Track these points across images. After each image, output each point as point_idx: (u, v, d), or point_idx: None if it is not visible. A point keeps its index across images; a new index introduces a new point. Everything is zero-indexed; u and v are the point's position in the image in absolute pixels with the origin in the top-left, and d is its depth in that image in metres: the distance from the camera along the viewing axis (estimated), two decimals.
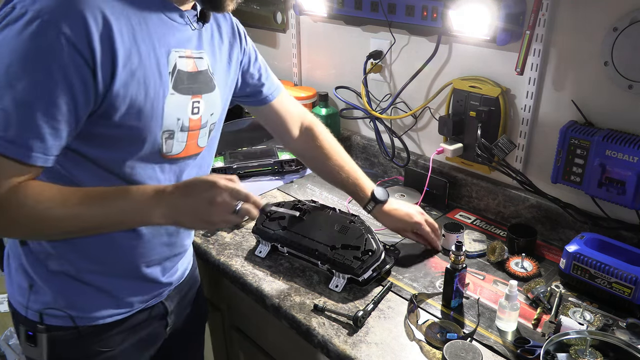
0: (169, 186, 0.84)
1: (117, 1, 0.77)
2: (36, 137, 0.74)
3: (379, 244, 1.15)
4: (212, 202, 0.82)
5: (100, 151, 0.83)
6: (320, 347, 1.01)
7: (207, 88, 0.93)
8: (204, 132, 0.95)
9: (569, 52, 1.19)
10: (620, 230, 1.18)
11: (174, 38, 0.86)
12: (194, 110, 0.91)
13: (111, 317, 0.97)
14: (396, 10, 1.41)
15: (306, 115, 1.26)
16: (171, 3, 0.85)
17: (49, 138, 0.75)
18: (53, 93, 0.73)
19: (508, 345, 0.97)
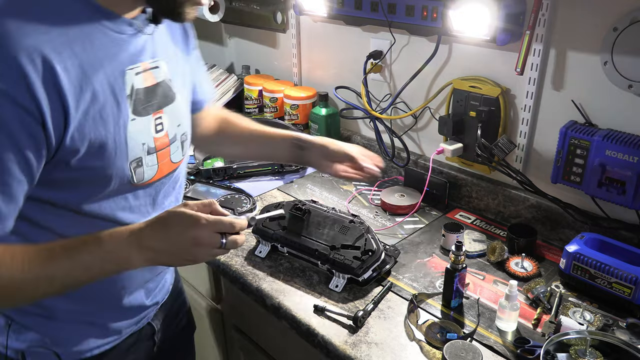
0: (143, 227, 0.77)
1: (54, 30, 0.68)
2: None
3: (379, 244, 1.15)
4: (196, 242, 0.76)
5: (64, 194, 0.77)
6: (320, 347, 1.01)
7: (167, 100, 0.86)
8: (175, 146, 0.90)
9: (569, 52, 1.19)
10: (620, 230, 1.18)
11: (127, 54, 0.77)
12: (157, 128, 0.84)
13: (99, 347, 0.93)
14: (396, 10, 1.41)
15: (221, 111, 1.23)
16: (116, 15, 0.76)
17: (2, 205, 0.68)
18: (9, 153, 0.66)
19: (508, 345, 0.97)
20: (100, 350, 0.93)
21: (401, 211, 1.43)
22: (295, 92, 1.75)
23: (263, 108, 1.88)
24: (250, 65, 2.08)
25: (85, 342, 0.91)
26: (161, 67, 0.85)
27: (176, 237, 0.76)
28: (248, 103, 1.92)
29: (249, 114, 1.92)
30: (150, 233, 0.76)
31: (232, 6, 1.99)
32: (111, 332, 0.94)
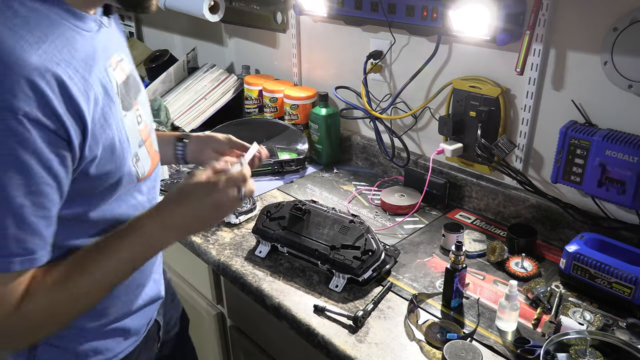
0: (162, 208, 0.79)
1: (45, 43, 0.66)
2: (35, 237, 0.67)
3: (379, 244, 1.15)
4: (217, 205, 0.80)
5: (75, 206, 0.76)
6: (320, 347, 1.01)
7: (137, 90, 0.87)
8: (153, 135, 0.91)
9: (569, 52, 1.19)
10: (620, 230, 1.18)
11: (100, 51, 0.76)
12: (138, 119, 0.84)
13: (123, 352, 0.94)
14: (396, 10, 1.41)
15: None
16: (83, 14, 0.73)
17: (44, 230, 0.68)
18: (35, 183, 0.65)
19: (508, 345, 0.97)
20: (124, 354, 0.94)
21: (401, 211, 1.44)
22: (295, 92, 1.75)
23: (263, 108, 1.88)
24: (250, 65, 2.08)
25: (109, 350, 0.92)
26: (124, 59, 0.85)
27: (198, 207, 0.79)
28: (248, 103, 1.92)
29: (249, 113, 1.93)
30: (171, 212, 0.79)
31: (232, 6, 1.99)
32: (132, 334, 0.96)
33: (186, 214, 0.79)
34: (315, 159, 1.75)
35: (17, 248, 0.65)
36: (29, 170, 0.64)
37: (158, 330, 1.07)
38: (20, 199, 0.64)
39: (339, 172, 1.70)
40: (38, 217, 0.67)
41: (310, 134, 1.74)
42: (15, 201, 0.63)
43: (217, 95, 1.96)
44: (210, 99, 1.96)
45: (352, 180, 1.64)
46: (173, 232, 0.80)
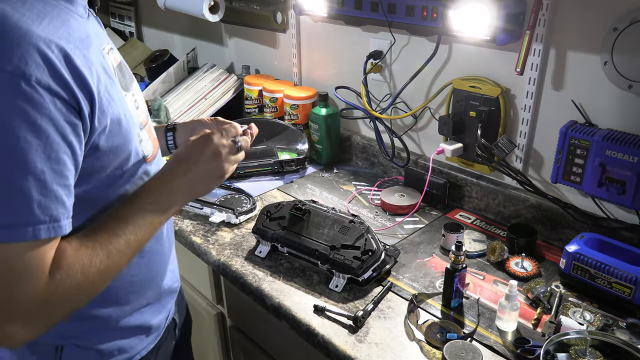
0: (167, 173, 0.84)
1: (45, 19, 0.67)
2: (59, 204, 0.67)
3: (379, 244, 1.15)
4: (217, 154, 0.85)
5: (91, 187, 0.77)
6: (320, 347, 1.01)
7: (131, 78, 0.88)
8: (151, 123, 0.93)
9: (569, 52, 1.19)
10: (620, 230, 1.18)
11: (94, 36, 0.76)
12: (136, 104, 0.85)
13: (145, 349, 0.96)
14: (396, 10, 1.41)
15: None
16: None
17: (66, 199, 0.68)
18: (53, 150, 0.65)
19: (508, 345, 0.97)
20: (146, 351, 0.96)
21: (401, 211, 1.44)
22: (295, 92, 1.75)
23: (263, 108, 1.88)
24: (250, 65, 2.08)
25: (132, 348, 0.93)
26: (114, 49, 0.85)
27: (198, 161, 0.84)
28: (248, 103, 1.92)
29: (249, 113, 1.93)
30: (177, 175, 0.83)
31: (232, 6, 1.99)
32: (153, 331, 0.97)
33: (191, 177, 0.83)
34: (315, 159, 1.75)
35: (42, 215, 0.65)
36: (47, 136, 0.64)
37: (175, 328, 1.09)
38: (41, 165, 0.64)
39: (339, 172, 1.70)
40: (59, 184, 0.67)
41: (310, 134, 1.74)
42: (37, 167, 0.64)
43: (217, 95, 1.96)
44: (210, 99, 1.96)
45: (352, 180, 1.64)
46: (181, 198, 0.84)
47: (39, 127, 0.63)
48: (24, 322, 0.67)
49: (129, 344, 0.93)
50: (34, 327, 0.68)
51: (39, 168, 0.64)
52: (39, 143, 0.63)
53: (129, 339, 0.93)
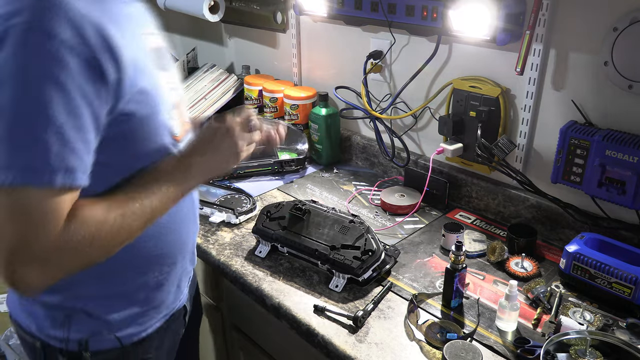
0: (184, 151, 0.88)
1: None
2: (76, 157, 0.70)
3: (379, 244, 1.15)
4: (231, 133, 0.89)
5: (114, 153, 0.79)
6: (320, 347, 1.01)
7: (169, 63, 0.93)
8: (183, 108, 0.96)
9: (569, 52, 1.19)
10: (620, 230, 1.18)
11: (137, 19, 0.83)
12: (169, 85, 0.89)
13: (152, 326, 0.98)
14: (396, 10, 1.41)
15: None
16: None
17: (83, 154, 0.71)
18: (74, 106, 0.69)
19: (508, 345, 0.97)
20: (153, 328, 0.98)
21: (401, 211, 1.44)
22: (295, 92, 1.75)
23: (263, 108, 1.88)
24: (250, 65, 2.08)
25: (142, 323, 0.95)
26: (157, 35, 0.90)
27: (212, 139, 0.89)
28: (248, 103, 1.92)
29: None
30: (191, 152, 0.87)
31: (232, 6, 1.99)
32: (162, 309, 0.99)
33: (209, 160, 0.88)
34: (315, 159, 1.75)
35: (59, 164, 0.68)
36: (69, 92, 0.68)
37: (185, 315, 1.10)
38: (61, 117, 0.67)
39: (339, 172, 1.70)
40: (77, 139, 0.70)
41: (310, 134, 1.74)
42: (57, 119, 0.67)
43: (217, 95, 1.96)
44: (210, 99, 1.96)
45: (352, 180, 1.64)
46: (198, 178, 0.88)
47: (62, 83, 0.67)
48: (37, 267, 0.69)
49: (136, 319, 0.94)
50: (46, 273, 0.71)
51: (59, 121, 0.67)
52: (60, 97, 0.67)
53: (136, 312, 0.94)
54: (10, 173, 0.66)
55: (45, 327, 0.90)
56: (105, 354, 0.92)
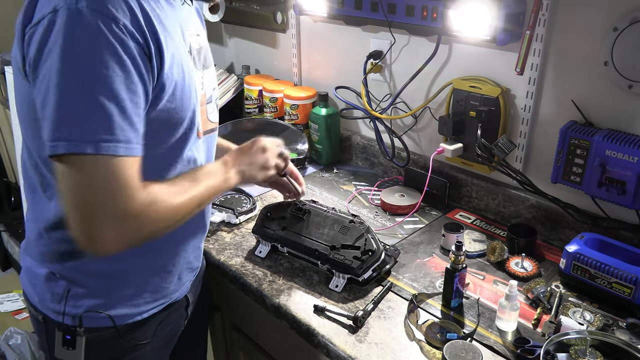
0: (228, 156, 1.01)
1: None
2: (134, 130, 0.76)
3: (379, 244, 1.15)
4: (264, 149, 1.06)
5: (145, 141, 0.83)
6: (320, 347, 1.01)
7: (208, 63, 0.98)
8: (211, 107, 1.00)
9: (569, 52, 1.19)
10: (620, 230, 1.18)
11: (181, 18, 0.89)
12: (200, 86, 0.94)
13: (147, 311, 0.99)
14: (396, 10, 1.41)
15: None
16: None
17: (139, 127, 0.77)
18: (133, 82, 0.75)
19: (508, 345, 0.97)
20: (148, 314, 0.99)
21: (401, 211, 1.44)
22: (295, 92, 1.75)
23: (263, 108, 1.88)
24: (250, 65, 2.08)
25: (137, 306, 0.97)
26: (201, 36, 0.97)
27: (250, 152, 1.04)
28: (248, 103, 1.92)
29: (249, 113, 1.93)
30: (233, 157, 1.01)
31: (232, 6, 1.99)
32: (161, 296, 1.01)
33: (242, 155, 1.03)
34: (315, 159, 1.75)
35: (121, 135, 0.74)
36: (129, 70, 0.74)
37: (187, 306, 1.11)
38: (122, 93, 0.74)
39: (339, 172, 1.70)
40: (134, 113, 0.76)
41: (310, 134, 1.74)
42: (120, 94, 0.73)
43: (217, 95, 1.96)
44: None
45: (352, 180, 1.64)
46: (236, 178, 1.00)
47: (124, 62, 0.73)
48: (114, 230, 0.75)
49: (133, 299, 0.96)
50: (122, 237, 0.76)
51: (121, 96, 0.73)
52: (122, 75, 0.73)
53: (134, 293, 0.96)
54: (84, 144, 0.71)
55: (46, 301, 0.94)
56: (99, 332, 0.94)
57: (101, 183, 0.73)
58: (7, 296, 2.46)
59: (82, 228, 0.74)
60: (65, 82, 0.70)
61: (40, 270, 0.94)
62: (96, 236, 0.74)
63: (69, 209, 0.75)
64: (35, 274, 0.95)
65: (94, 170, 0.73)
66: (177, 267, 1.02)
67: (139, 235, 0.79)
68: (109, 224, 0.74)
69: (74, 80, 0.71)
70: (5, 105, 2.52)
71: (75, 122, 0.71)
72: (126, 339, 0.97)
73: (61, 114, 0.71)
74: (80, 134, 0.71)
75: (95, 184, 0.73)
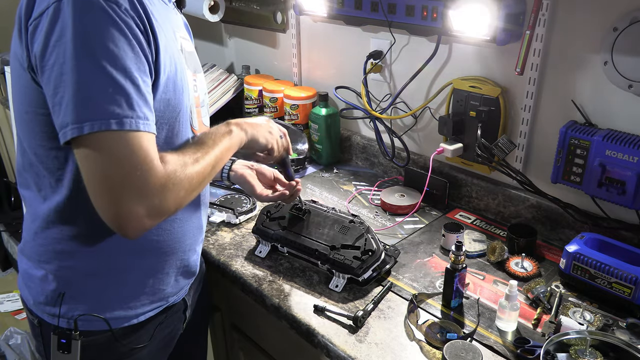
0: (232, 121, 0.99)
1: None
2: (149, 107, 0.77)
3: (379, 244, 1.15)
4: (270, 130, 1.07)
5: None
6: (320, 347, 1.01)
7: (198, 68, 0.99)
8: (204, 110, 1.01)
9: (569, 52, 1.19)
10: (620, 230, 1.18)
11: (173, 20, 0.90)
12: (194, 88, 0.95)
13: (144, 314, 0.98)
14: (396, 10, 1.41)
15: None
16: None
17: (152, 106, 0.79)
18: (142, 62, 0.76)
19: (508, 345, 0.97)
20: (144, 317, 0.99)
21: (401, 211, 1.44)
22: (295, 92, 1.75)
23: (263, 108, 1.88)
24: (250, 65, 2.08)
25: (134, 309, 0.97)
26: (189, 42, 0.97)
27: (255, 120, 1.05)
28: (248, 103, 1.92)
29: (249, 114, 1.92)
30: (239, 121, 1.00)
31: (232, 6, 1.99)
32: (157, 299, 1.00)
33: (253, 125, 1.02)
34: (315, 159, 1.75)
35: (140, 112, 0.75)
36: (137, 51, 0.76)
37: (185, 310, 1.10)
38: (135, 71, 0.75)
39: (339, 172, 1.70)
40: (147, 92, 0.77)
41: (310, 134, 1.74)
42: (133, 72, 0.75)
43: (217, 95, 1.96)
44: (210, 99, 1.95)
45: (352, 180, 1.64)
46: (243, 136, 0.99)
47: (132, 43, 0.75)
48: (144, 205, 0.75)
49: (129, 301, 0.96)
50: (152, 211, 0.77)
51: (134, 74, 0.75)
52: (133, 55, 0.75)
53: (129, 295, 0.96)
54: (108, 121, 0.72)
55: (41, 304, 0.94)
56: (95, 336, 0.94)
57: (126, 159, 0.74)
58: (7, 296, 2.46)
59: (115, 211, 0.75)
60: (81, 64, 0.71)
61: (35, 272, 0.94)
62: (129, 214, 0.75)
63: (97, 192, 0.75)
64: (31, 276, 0.95)
65: (119, 146, 0.73)
66: (173, 269, 1.01)
67: (167, 206, 0.79)
68: (138, 200, 0.75)
69: (90, 61, 0.72)
70: (5, 105, 2.52)
71: (97, 101, 0.72)
72: (122, 342, 0.97)
73: (81, 96, 0.72)
74: (103, 112, 0.72)
75: (121, 161, 0.74)
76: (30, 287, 0.96)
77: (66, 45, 0.71)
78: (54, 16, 0.72)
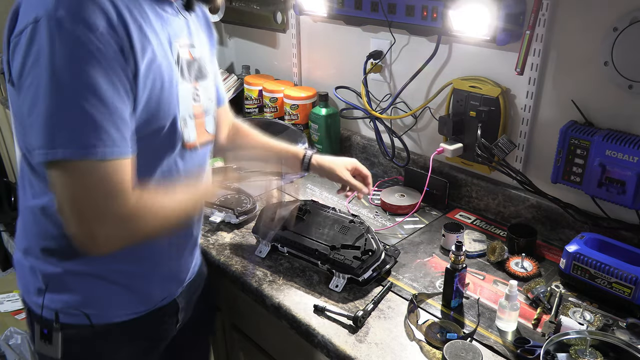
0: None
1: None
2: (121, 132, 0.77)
3: (379, 244, 1.15)
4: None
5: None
6: (320, 347, 1.01)
7: (202, 75, 0.97)
8: (208, 118, 1.00)
9: (569, 52, 1.19)
10: (620, 230, 1.18)
11: (171, 28, 0.88)
12: (195, 97, 0.94)
13: (127, 315, 0.98)
14: (396, 10, 1.41)
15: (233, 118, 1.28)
16: None
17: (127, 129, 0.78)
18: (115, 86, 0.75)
19: (508, 345, 0.97)
20: (128, 317, 0.98)
21: (401, 211, 1.44)
22: (295, 92, 1.75)
23: (263, 108, 1.88)
24: (250, 65, 2.08)
25: (116, 308, 0.96)
26: (196, 47, 0.96)
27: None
28: (248, 103, 1.92)
29: (249, 113, 1.92)
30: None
31: (232, 6, 1.99)
32: (143, 301, 1.00)
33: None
34: None
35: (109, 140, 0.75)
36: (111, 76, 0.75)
37: (177, 312, 1.09)
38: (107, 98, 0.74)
39: None
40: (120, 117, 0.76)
41: (310, 134, 1.74)
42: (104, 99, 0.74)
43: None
44: None
45: None
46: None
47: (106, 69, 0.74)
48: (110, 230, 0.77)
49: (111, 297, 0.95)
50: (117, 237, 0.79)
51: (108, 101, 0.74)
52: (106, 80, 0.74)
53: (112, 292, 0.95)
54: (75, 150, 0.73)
55: (31, 294, 0.95)
56: (75, 329, 0.94)
57: (93, 187, 0.75)
58: (7, 296, 2.46)
59: (81, 231, 0.77)
60: (53, 92, 0.72)
61: (25, 262, 0.95)
62: (95, 238, 0.77)
63: (65, 212, 0.76)
64: (22, 266, 0.97)
65: (86, 174, 0.74)
66: (158, 274, 1.00)
67: (133, 235, 0.81)
68: (103, 226, 0.76)
69: (63, 90, 0.72)
70: (5, 105, 2.52)
71: (68, 130, 0.73)
72: (105, 339, 0.97)
73: (52, 123, 0.72)
74: (72, 141, 0.73)
75: (88, 189, 0.75)
76: (21, 276, 0.98)
77: (41, 69, 0.72)
78: (31, 38, 0.72)
